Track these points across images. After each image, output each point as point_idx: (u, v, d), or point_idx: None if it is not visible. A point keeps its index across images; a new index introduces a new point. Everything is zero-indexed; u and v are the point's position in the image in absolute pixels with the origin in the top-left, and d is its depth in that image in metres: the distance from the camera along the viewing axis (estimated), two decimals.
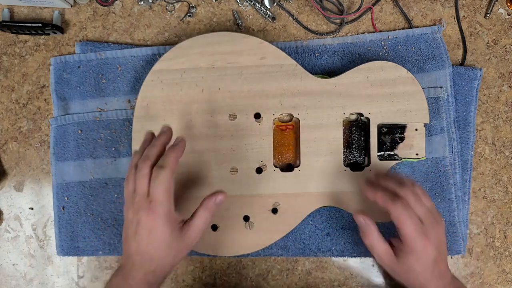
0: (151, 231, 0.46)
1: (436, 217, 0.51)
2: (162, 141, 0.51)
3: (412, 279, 0.51)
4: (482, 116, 0.63)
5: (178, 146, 0.50)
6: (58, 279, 0.64)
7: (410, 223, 0.48)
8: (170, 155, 0.48)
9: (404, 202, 0.49)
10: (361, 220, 0.52)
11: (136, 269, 0.47)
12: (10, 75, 0.64)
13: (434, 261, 0.50)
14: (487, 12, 0.63)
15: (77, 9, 0.64)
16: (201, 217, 0.49)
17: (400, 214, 0.48)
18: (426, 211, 0.50)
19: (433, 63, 0.61)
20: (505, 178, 0.63)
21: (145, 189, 0.47)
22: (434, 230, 0.49)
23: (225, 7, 0.64)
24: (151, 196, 0.46)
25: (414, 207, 0.49)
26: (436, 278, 0.51)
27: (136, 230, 0.47)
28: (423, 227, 0.49)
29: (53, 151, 0.62)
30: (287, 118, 0.59)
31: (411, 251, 0.49)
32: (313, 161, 0.58)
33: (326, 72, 0.62)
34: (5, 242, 0.64)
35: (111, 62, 0.62)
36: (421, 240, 0.49)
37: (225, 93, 0.58)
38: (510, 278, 0.63)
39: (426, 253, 0.49)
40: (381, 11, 0.64)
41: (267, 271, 0.63)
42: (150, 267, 0.47)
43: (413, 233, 0.48)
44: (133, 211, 0.47)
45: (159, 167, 0.47)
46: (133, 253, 0.47)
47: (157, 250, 0.47)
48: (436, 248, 0.49)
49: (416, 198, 0.50)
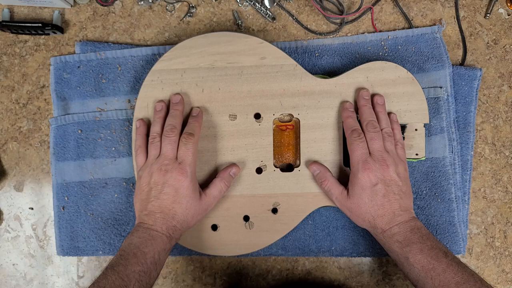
0: (177, 190, 0.52)
1: (388, 159, 0.53)
2: (181, 111, 0.56)
3: (364, 212, 0.53)
4: (482, 116, 0.63)
5: (198, 115, 0.57)
6: (58, 279, 0.64)
7: (357, 152, 0.53)
8: (195, 124, 0.55)
9: (360, 134, 0.54)
10: (316, 168, 0.57)
11: (159, 224, 0.51)
12: (10, 75, 0.64)
13: (382, 195, 0.52)
14: (487, 12, 0.63)
15: (77, 9, 0.64)
16: (217, 186, 0.55)
17: (351, 143, 0.54)
18: (379, 150, 0.53)
19: (433, 63, 0.61)
20: (505, 178, 0.63)
21: (174, 153, 0.53)
22: (379, 166, 0.52)
23: (225, 7, 0.64)
24: (181, 159, 0.53)
25: (368, 142, 0.54)
26: (388, 214, 0.52)
27: (162, 189, 0.52)
28: (368, 158, 0.53)
29: (53, 151, 0.62)
30: (287, 118, 0.59)
31: (356, 179, 0.53)
32: (313, 161, 0.58)
33: (326, 72, 0.62)
34: (5, 242, 0.64)
35: (111, 62, 0.62)
36: (364, 169, 0.52)
37: (225, 93, 0.58)
38: (510, 278, 0.63)
39: (369, 182, 0.52)
40: (381, 11, 0.64)
41: (267, 271, 0.63)
42: (172, 222, 0.52)
43: (356, 160, 0.53)
44: (159, 173, 0.52)
45: (189, 134, 0.54)
46: (156, 211, 0.52)
47: (180, 206, 0.52)
48: (382, 182, 0.52)
49: (375, 136, 0.54)
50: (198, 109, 0.57)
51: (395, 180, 0.52)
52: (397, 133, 0.56)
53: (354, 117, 0.56)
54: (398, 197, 0.52)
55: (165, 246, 0.51)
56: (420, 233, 0.51)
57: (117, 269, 0.47)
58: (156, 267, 0.50)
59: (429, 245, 0.50)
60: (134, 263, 0.48)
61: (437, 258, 0.49)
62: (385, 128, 0.55)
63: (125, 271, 0.47)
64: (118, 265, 0.48)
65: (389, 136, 0.55)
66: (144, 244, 0.50)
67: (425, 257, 0.49)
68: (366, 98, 0.56)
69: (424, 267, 0.49)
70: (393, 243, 0.51)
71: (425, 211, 0.61)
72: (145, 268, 0.48)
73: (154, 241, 0.50)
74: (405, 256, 0.50)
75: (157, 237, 0.51)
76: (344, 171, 0.58)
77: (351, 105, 0.57)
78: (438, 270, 0.48)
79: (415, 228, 0.51)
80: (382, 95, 0.57)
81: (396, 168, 0.53)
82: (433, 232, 0.60)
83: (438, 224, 0.60)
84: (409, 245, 0.50)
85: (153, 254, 0.50)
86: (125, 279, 0.46)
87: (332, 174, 0.56)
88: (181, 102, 0.57)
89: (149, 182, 0.53)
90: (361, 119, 0.56)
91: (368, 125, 0.54)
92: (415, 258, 0.50)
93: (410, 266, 0.50)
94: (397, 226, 0.51)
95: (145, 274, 0.48)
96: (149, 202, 0.52)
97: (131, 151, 0.60)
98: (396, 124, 0.57)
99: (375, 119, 0.55)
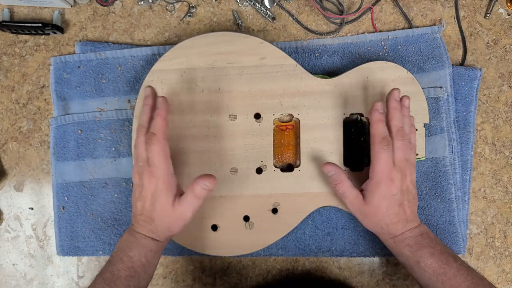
0: (152, 194, 0.51)
1: (407, 169, 0.52)
2: (149, 107, 0.55)
3: (378, 220, 0.52)
4: (482, 116, 0.63)
5: (161, 108, 0.53)
6: (58, 279, 0.64)
7: (383, 161, 0.51)
8: (157, 119, 0.52)
9: (389, 143, 0.51)
10: (331, 169, 0.54)
11: (141, 227, 0.52)
12: (10, 75, 0.64)
13: (399, 204, 0.51)
14: (487, 12, 0.63)
15: (77, 9, 0.64)
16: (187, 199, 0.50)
17: (379, 151, 0.51)
18: (402, 160, 0.52)
19: (433, 63, 0.61)
20: (505, 178, 0.63)
21: (144, 155, 0.51)
22: (401, 176, 0.51)
23: (225, 7, 0.64)
24: (149, 161, 0.51)
25: (394, 151, 0.52)
26: (402, 221, 0.52)
27: (141, 192, 0.51)
28: (392, 169, 0.51)
29: (53, 151, 0.62)
30: (287, 118, 0.59)
31: (377, 189, 0.51)
32: (313, 161, 0.58)
33: (326, 72, 0.62)
34: (5, 242, 0.64)
35: (111, 62, 0.62)
36: (387, 179, 0.51)
37: (225, 93, 0.58)
38: (510, 278, 0.63)
39: (390, 191, 0.51)
40: (381, 11, 0.64)
41: (267, 271, 0.63)
42: (151, 226, 0.51)
43: (381, 169, 0.51)
44: (136, 175, 0.52)
45: (151, 134, 0.51)
46: (138, 213, 0.52)
47: (156, 212, 0.51)
48: (401, 192, 0.51)
49: (401, 146, 0.52)
50: (161, 98, 0.53)
51: (410, 189, 0.52)
52: (412, 138, 0.55)
53: (384, 122, 0.52)
54: (411, 204, 0.52)
55: (151, 247, 0.51)
56: (429, 238, 0.51)
57: (104, 276, 0.49)
58: (145, 269, 0.50)
59: (439, 249, 0.50)
60: (121, 269, 0.49)
61: (447, 262, 0.49)
62: (408, 135, 0.53)
63: (112, 277, 0.48)
64: (106, 272, 0.49)
65: (410, 143, 0.53)
66: (129, 248, 0.50)
67: (436, 261, 0.49)
68: (398, 100, 0.53)
69: (435, 271, 0.49)
70: (403, 248, 0.51)
71: (425, 211, 0.61)
72: (132, 273, 0.49)
73: (138, 244, 0.51)
74: (416, 260, 0.50)
75: (141, 239, 0.51)
76: (344, 171, 0.58)
77: (382, 106, 0.52)
78: (449, 275, 0.48)
79: (424, 233, 0.52)
80: (408, 97, 0.55)
81: (411, 177, 0.53)
82: (433, 232, 0.60)
83: (438, 224, 0.60)
84: (420, 249, 0.50)
85: (139, 257, 0.50)
86: (112, 285, 0.47)
87: (347, 176, 0.54)
88: (150, 96, 0.55)
89: (134, 182, 0.53)
90: (391, 124, 0.52)
91: (398, 133, 0.52)
92: (426, 262, 0.50)
93: (421, 270, 0.50)
94: (409, 231, 0.52)
95: (133, 278, 0.49)
96: (134, 203, 0.53)
97: (131, 151, 0.60)
98: (412, 127, 0.55)
99: (403, 125, 0.52)
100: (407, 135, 0.52)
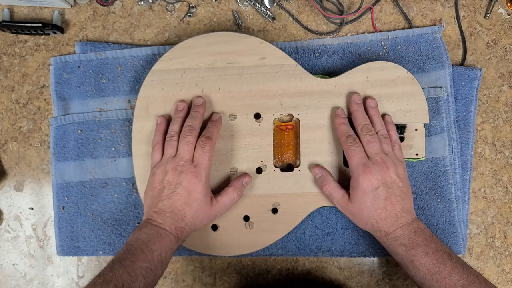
0: (190, 192, 0.52)
1: (387, 161, 0.52)
2: (202, 114, 0.56)
3: (366, 217, 0.53)
4: (482, 116, 0.63)
5: (218, 121, 0.57)
6: (58, 279, 0.64)
7: (355, 156, 0.53)
8: (214, 129, 0.55)
9: (355, 139, 0.53)
10: (318, 171, 0.57)
11: (168, 224, 0.51)
12: (10, 75, 0.64)
13: (384, 198, 0.52)
14: (487, 12, 0.63)
15: (77, 9, 0.64)
16: (230, 195, 0.55)
17: (348, 149, 0.54)
18: (377, 152, 0.53)
19: (433, 63, 0.61)
20: (505, 178, 0.63)
21: (190, 155, 0.53)
22: (379, 168, 0.52)
23: (225, 7, 0.64)
24: (196, 161, 0.53)
25: (365, 146, 0.53)
26: (391, 216, 0.51)
27: (175, 190, 0.52)
28: (367, 162, 0.52)
29: (53, 151, 0.62)
30: (287, 118, 0.59)
31: (357, 184, 0.52)
32: (313, 161, 0.58)
33: (326, 72, 0.62)
34: (5, 242, 0.64)
35: (111, 62, 0.62)
36: (364, 173, 0.52)
37: (225, 93, 0.58)
38: (510, 278, 0.63)
39: (371, 186, 0.51)
40: (381, 11, 0.64)
41: (267, 271, 0.63)
42: (181, 224, 0.52)
43: (355, 164, 0.53)
44: (173, 173, 0.52)
45: (207, 137, 0.54)
46: (166, 210, 0.52)
47: (190, 209, 0.52)
48: (383, 184, 0.52)
49: (371, 139, 0.53)
50: (218, 115, 0.57)
51: (396, 181, 0.52)
52: (393, 134, 0.56)
53: (346, 123, 0.56)
54: (399, 198, 0.52)
55: (172, 245, 0.51)
56: (424, 235, 0.51)
57: (124, 263, 0.47)
58: (161, 265, 0.50)
59: (433, 247, 0.50)
60: (142, 259, 0.48)
61: (442, 260, 0.49)
62: (380, 131, 0.55)
63: (132, 266, 0.47)
64: (125, 259, 0.47)
65: (385, 138, 0.54)
66: (152, 241, 0.50)
67: (430, 260, 0.49)
68: (358, 103, 0.56)
69: (429, 270, 0.49)
70: (397, 246, 0.51)
71: (425, 211, 0.61)
72: (151, 266, 0.48)
73: (162, 240, 0.50)
74: (410, 259, 0.50)
75: (165, 236, 0.51)
76: (344, 172, 0.58)
77: (342, 111, 0.57)
78: (444, 273, 0.48)
79: (418, 230, 0.51)
80: (374, 98, 0.57)
81: (396, 170, 0.53)
82: (433, 232, 0.60)
83: (438, 224, 0.60)
84: (414, 248, 0.50)
85: (160, 252, 0.49)
86: (132, 274, 0.46)
87: (334, 178, 0.56)
88: (203, 105, 0.56)
89: (162, 180, 0.53)
90: (355, 124, 0.55)
91: (363, 129, 0.54)
92: (420, 261, 0.50)
93: (415, 269, 0.50)
94: (400, 228, 0.51)
95: (151, 272, 0.48)
96: (160, 200, 0.52)
97: (131, 151, 0.60)
98: (391, 125, 0.57)
99: (369, 123, 0.55)
100: (380, 130, 0.55)
